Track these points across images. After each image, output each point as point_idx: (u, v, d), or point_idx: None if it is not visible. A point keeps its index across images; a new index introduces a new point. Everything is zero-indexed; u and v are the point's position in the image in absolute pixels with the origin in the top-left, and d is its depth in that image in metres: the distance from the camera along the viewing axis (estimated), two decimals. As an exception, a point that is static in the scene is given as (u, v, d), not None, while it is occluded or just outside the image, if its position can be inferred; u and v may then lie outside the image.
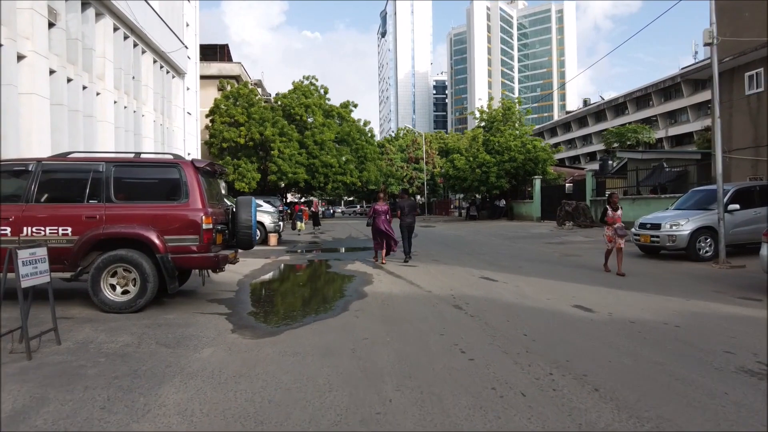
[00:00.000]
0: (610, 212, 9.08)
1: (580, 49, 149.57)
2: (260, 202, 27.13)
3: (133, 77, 20.95)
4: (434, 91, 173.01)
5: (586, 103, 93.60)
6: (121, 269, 6.04)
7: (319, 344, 4.79)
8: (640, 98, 70.51)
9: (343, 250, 15.79)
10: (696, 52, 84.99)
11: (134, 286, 6.04)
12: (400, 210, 12.96)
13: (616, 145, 40.39)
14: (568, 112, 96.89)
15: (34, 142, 13.66)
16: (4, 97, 12.84)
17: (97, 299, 5.97)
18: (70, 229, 5.97)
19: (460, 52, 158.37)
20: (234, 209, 7.37)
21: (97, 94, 17.81)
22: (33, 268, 4.37)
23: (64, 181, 6.42)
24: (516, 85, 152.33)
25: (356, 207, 73.35)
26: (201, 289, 7.79)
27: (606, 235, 9.19)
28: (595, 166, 54.80)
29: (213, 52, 45.62)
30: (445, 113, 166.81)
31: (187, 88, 29.41)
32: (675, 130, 60.25)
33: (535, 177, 30.18)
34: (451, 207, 49.94)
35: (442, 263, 11.28)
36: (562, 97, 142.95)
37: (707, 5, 10.46)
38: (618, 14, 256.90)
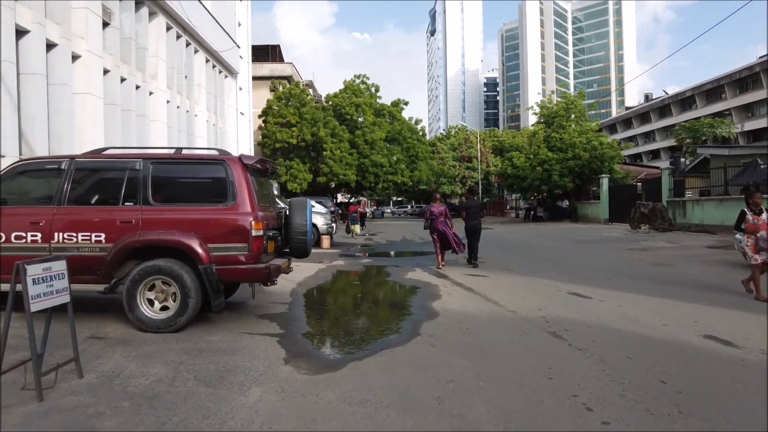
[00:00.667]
0: (750, 216, 6.97)
1: (638, 42, 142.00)
2: (312, 203, 26.63)
3: (186, 76, 20.80)
4: (485, 89, 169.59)
5: (647, 98, 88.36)
6: (160, 282, 5.23)
7: (392, 387, 3.75)
8: (711, 91, 65.67)
9: (399, 254, 14.78)
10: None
11: (174, 301, 5.23)
12: (464, 211, 11.93)
13: (688, 140, 37.27)
14: (627, 108, 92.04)
15: (88, 141, 13.42)
16: (59, 97, 12.65)
17: (132, 316, 5.20)
18: (103, 236, 5.22)
19: (511, 48, 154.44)
20: (287, 212, 6.47)
21: (150, 93, 17.64)
22: (47, 287, 3.57)
23: (98, 181, 5.70)
24: (571, 81, 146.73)
25: (407, 207, 72.27)
26: (251, 301, 6.94)
27: (748, 245, 6.98)
28: (661, 163, 51.14)
29: (265, 53, 45.87)
30: (496, 111, 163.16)
31: (240, 88, 29.33)
32: (752, 125, 55.55)
33: (602, 176, 28.08)
34: (507, 208, 47.94)
35: (515, 273, 10.00)
36: (621, 93, 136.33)
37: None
38: (679, 5, 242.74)
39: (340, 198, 58.31)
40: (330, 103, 41.12)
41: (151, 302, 5.25)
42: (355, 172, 37.13)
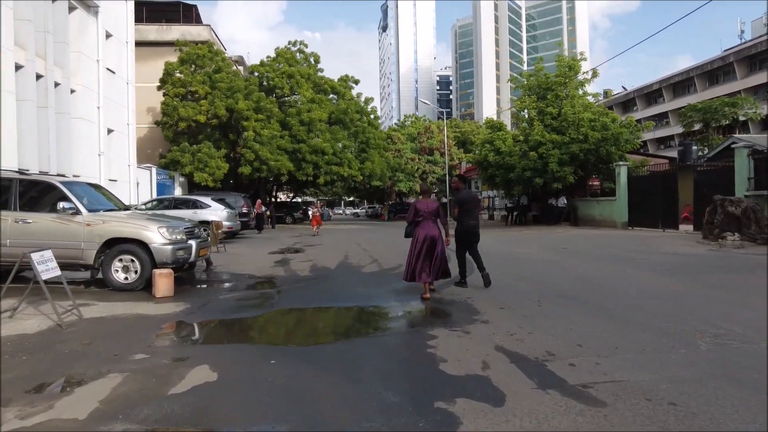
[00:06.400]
0: None
1: (580, 46, 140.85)
2: (207, 200, 17.67)
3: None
4: (438, 87, 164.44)
5: (606, 94, 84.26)
6: None
7: None
8: (679, 84, 63.64)
9: (317, 314, 6.33)
10: (743, 31, 77.49)
11: None
12: (458, 206, 7.79)
13: (698, 126, 31.01)
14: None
15: None
16: None
17: None
18: None
19: (465, 45, 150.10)
20: None
21: None
22: None
23: None
24: (526, 80, 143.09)
25: (365, 208, 63.55)
26: None
27: None
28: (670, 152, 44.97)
29: (175, 13, 36.18)
30: (449, 110, 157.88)
31: (109, 35, 19.93)
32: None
33: (620, 164, 20.74)
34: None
35: None
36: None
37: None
38: (615, 14, 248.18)
39: (282, 198, 48.80)
40: (256, 74, 32.06)
41: None
42: (288, 160, 28.27)
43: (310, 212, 34.46)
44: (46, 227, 7.56)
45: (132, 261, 7.60)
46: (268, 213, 27.52)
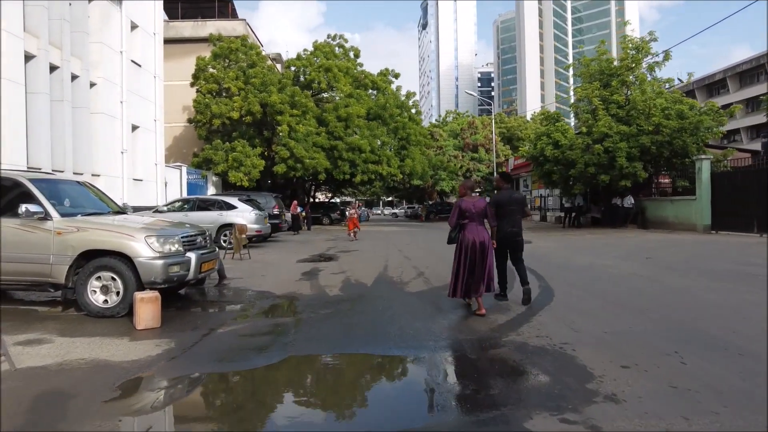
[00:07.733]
0: None
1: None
2: (234, 201, 16.11)
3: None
4: (479, 84, 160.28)
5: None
6: None
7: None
8: (746, 72, 58.38)
9: (365, 364, 4.44)
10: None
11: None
12: (495, 208, 6.39)
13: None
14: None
15: None
16: None
17: None
18: None
19: (507, 41, 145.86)
20: None
21: None
22: None
23: None
24: (571, 75, 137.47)
25: (404, 208, 61.67)
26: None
27: None
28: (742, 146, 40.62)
29: (210, 9, 35.32)
30: (490, 108, 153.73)
31: (134, 26, 18.79)
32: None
33: (701, 157, 17.96)
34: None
35: None
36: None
37: None
38: (665, 5, 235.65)
39: (321, 198, 47.40)
40: (292, 68, 30.63)
41: None
42: (325, 158, 26.64)
43: (347, 213, 32.90)
44: (6, 236, 5.98)
45: (113, 279, 5.92)
46: (303, 214, 26.02)
